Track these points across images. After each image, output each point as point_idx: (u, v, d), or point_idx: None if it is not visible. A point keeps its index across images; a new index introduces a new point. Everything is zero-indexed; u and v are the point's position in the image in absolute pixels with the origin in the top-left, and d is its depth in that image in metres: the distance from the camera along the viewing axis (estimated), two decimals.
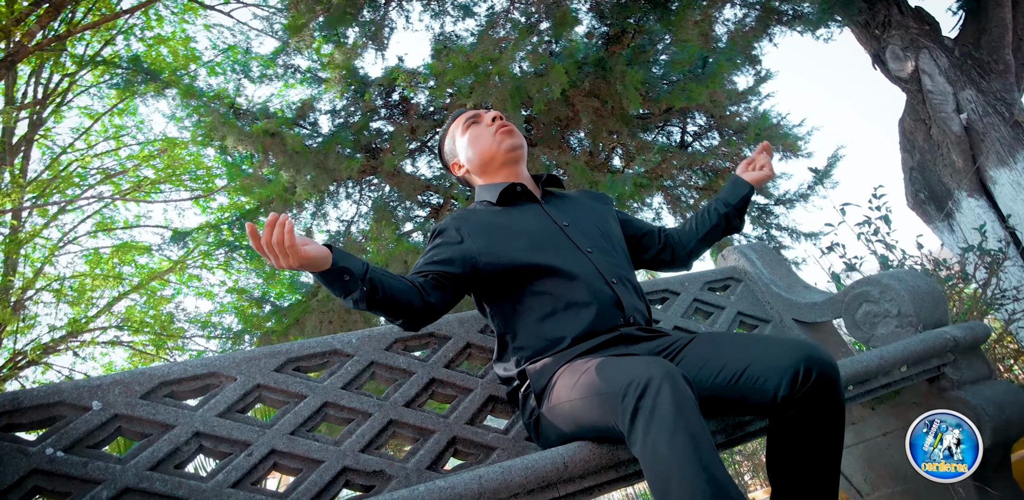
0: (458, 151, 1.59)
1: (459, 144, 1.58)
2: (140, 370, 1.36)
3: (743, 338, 1.22)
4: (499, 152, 1.50)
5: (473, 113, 1.58)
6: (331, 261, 1.12)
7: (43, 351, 8.86)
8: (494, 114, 1.54)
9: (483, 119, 1.56)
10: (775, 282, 1.99)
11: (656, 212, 6.26)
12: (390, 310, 1.22)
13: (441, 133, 1.66)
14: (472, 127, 1.55)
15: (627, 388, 0.99)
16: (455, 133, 1.60)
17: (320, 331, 5.40)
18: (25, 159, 9.09)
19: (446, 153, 1.64)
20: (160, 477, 1.25)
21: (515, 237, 1.39)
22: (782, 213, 5.91)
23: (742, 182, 1.59)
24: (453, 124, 1.62)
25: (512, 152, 1.50)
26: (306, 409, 1.44)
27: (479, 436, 1.54)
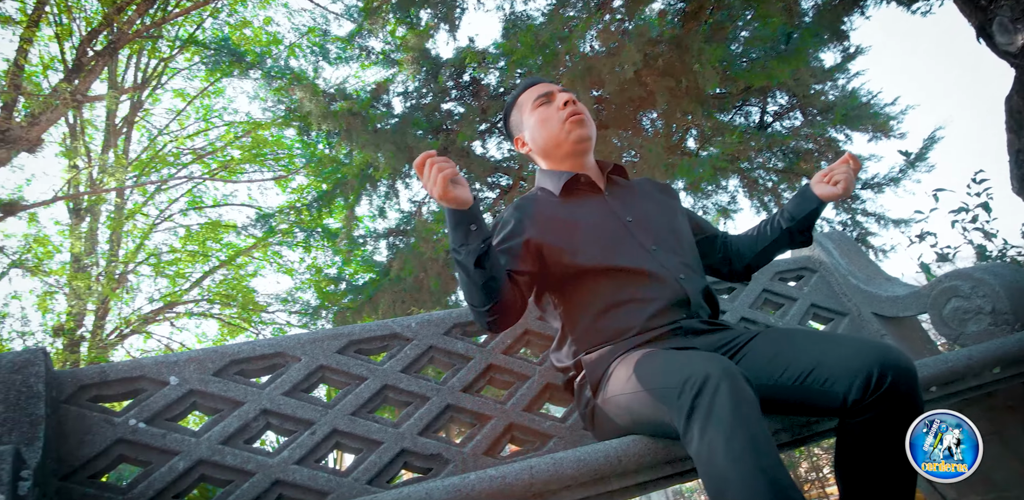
0: (524, 128, 1.50)
1: (526, 121, 1.49)
2: (213, 348, 1.43)
3: (812, 335, 1.15)
4: (566, 142, 1.43)
5: (545, 90, 1.47)
6: (471, 204, 1.14)
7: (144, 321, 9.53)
8: (567, 97, 1.44)
9: (555, 100, 1.45)
10: (853, 273, 1.87)
11: (732, 196, 6.04)
12: (490, 285, 1.20)
13: (509, 101, 1.55)
14: (542, 107, 1.45)
15: (683, 385, 0.95)
16: (523, 107, 1.50)
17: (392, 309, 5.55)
18: (127, 140, 9.70)
19: (511, 125, 1.56)
20: (231, 451, 1.32)
21: (576, 234, 1.34)
22: (869, 198, 5.57)
23: (811, 195, 1.40)
24: (523, 95, 1.51)
25: (580, 144, 1.43)
26: (366, 391, 1.48)
27: (536, 423, 1.55)
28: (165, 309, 9.82)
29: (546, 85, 1.49)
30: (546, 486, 1.09)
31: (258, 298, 9.90)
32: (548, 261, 1.34)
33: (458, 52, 4.56)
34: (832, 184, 1.37)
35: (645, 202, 1.47)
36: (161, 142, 10.24)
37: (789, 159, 5.66)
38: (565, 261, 1.32)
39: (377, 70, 6.34)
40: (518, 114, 1.52)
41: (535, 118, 1.46)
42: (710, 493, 0.91)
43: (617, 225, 1.37)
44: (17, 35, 6.19)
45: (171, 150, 10.21)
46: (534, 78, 1.54)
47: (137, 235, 9.96)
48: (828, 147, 5.54)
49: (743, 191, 5.86)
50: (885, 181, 5.44)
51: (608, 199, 1.44)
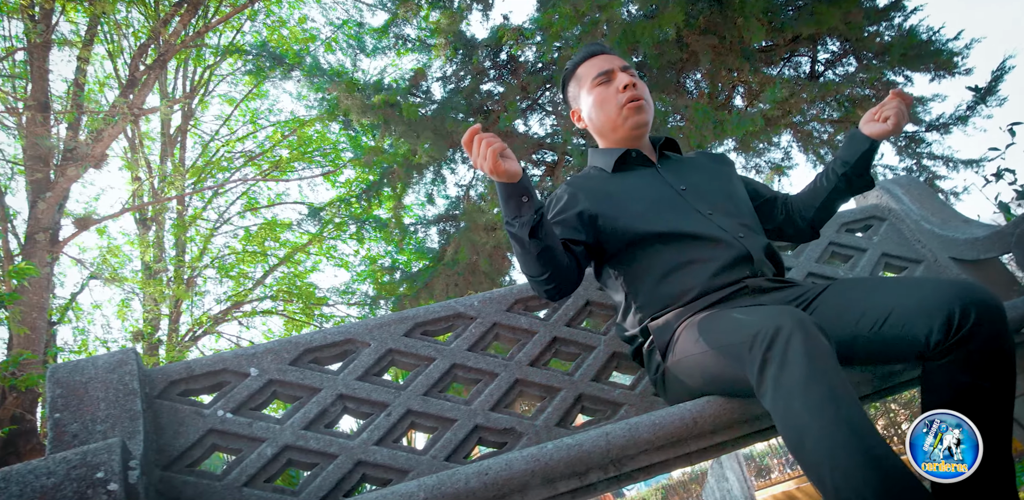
0: (581, 103, 1.49)
1: (584, 98, 1.47)
2: (287, 339, 1.48)
3: (885, 281, 1.11)
4: (622, 127, 1.42)
5: (606, 66, 1.43)
6: (520, 177, 1.14)
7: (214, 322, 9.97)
8: (627, 80, 1.39)
9: (615, 79, 1.41)
10: (926, 218, 1.78)
11: (785, 151, 5.83)
12: (546, 256, 1.20)
13: (568, 69, 1.52)
14: (601, 86, 1.43)
15: (754, 339, 0.94)
16: (583, 80, 1.47)
17: (447, 293, 5.63)
18: (182, 149, 10.07)
19: (569, 96, 1.54)
20: (314, 436, 1.37)
21: (631, 204, 1.34)
22: (935, 140, 5.28)
23: (860, 136, 1.34)
24: (583, 67, 1.47)
25: (636, 130, 1.42)
26: (436, 371, 1.51)
27: (605, 392, 1.55)
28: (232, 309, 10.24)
29: (607, 59, 1.45)
30: (623, 451, 1.10)
31: (318, 292, 10.21)
32: (604, 230, 1.34)
33: (493, 31, 4.52)
34: (882, 121, 1.29)
35: (698, 172, 1.45)
36: (213, 148, 10.59)
37: (845, 108, 5.41)
38: (621, 229, 1.31)
39: (414, 57, 6.37)
40: (576, 87, 1.50)
41: (593, 97, 1.44)
42: (789, 446, 0.89)
43: (671, 194, 1.37)
44: (74, 56, 6.48)
45: (223, 155, 10.54)
46: (595, 46, 1.49)
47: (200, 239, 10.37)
48: (886, 91, 5.26)
49: (797, 146, 5.66)
50: (951, 121, 5.15)
51: (661, 171, 1.43)
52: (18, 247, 6.21)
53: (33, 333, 5.29)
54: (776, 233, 1.54)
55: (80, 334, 9.70)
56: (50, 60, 5.78)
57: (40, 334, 5.58)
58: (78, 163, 5.85)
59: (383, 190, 6.09)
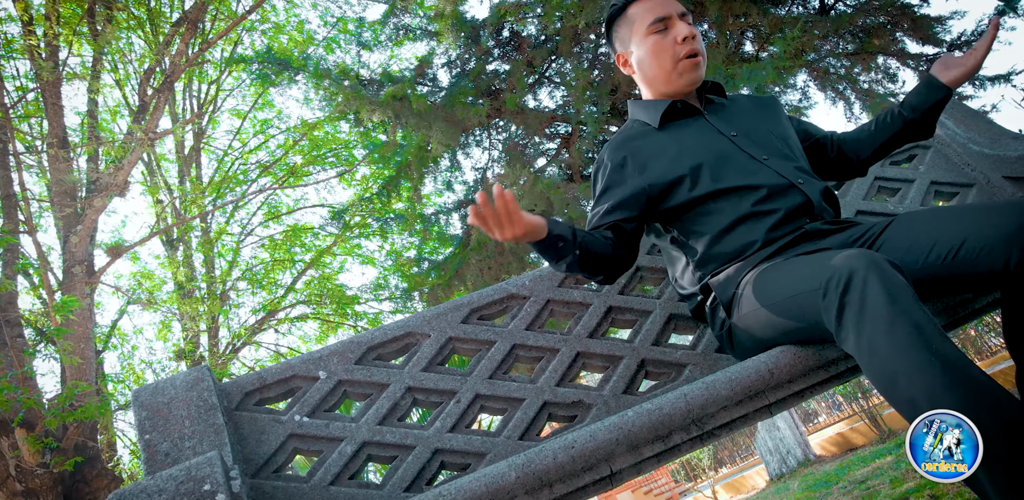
0: (632, 47, 1.37)
1: (636, 43, 1.35)
2: (349, 339, 1.50)
3: (951, 209, 1.07)
4: (677, 82, 1.34)
5: (664, 12, 1.31)
6: (547, 230, 1.13)
7: (252, 333, 10.18)
8: (687, 32, 1.29)
9: (673, 28, 1.30)
10: (973, 139, 1.72)
11: (802, 92, 5.68)
12: (595, 269, 1.24)
13: (617, 6, 1.39)
14: (658, 35, 1.31)
15: (827, 284, 0.92)
16: (635, 23, 1.34)
17: (481, 278, 5.65)
18: (198, 167, 10.19)
19: (616, 37, 1.41)
20: (389, 430, 1.40)
21: (683, 163, 1.29)
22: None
23: (937, 84, 1.30)
24: (636, 6, 1.34)
25: (691, 86, 1.35)
26: (498, 354, 1.51)
27: (667, 355, 1.54)
28: (267, 318, 10.43)
29: (663, 4, 1.32)
30: (704, 410, 1.09)
31: (348, 292, 10.33)
32: (658, 198, 1.31)
33: (493, 9, 4.46)
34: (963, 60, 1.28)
35: (746, 116, 1.40)
36: (228, 162, 10.69)
37: (859, 39, 5.24)
38: (676, 192, 1.29)
39: (417, 45, 6.32)
40: (627, 29, 1.37)
41: (648, 46, 1.33)
42: (880, 388, 0.88)
43: (724, 143, 1.32)
44: (84, 89, 6.57)
45: (239, 168, 10.64)
46: None
47: (228, 253, 10.54)
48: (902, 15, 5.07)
49: (814, 84, 5.50)
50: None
51: (709, 118, 1.37)
52: (56, 283, 6.38)
53: (84, 363, 5.45)
54: (826, 171, 1.51)
55: (127, 359, 9.99)
56: (62, 95, 5.87)
57: (90, 364, 5.76)
58: (103, 194, 5.96)
59: (401, 184, 6.11)
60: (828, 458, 7.21)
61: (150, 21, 7.65)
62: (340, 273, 11.05)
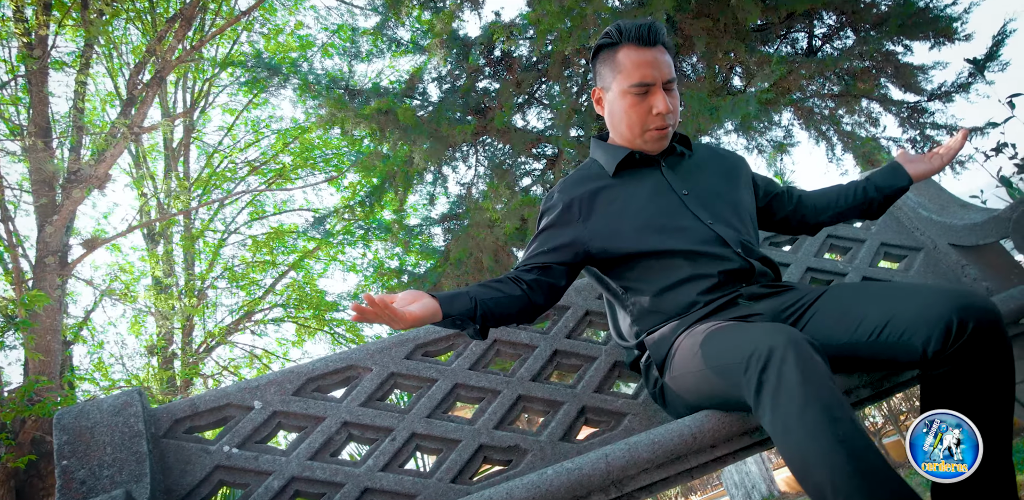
0: (610, 92, 1.34)
1: (613, 92, 1.32)
2: (289, 369, 1.49)
3: (882, 287, 1.09)
4: (640, 145, 1.35)
5: (649, 77, 1.26)
6: (441, 313, 1.14)
7: (227, 332, 10.08)
8: (664, 108, 1.27)
9: (653, 97, 1.28)
10: (923, 204, 1.75)
11: (786, 130, 5.76)
12: (504, 324, 1.28)
13: (609, 43, 1.33)
14: (637, 97, 1.29)
15: (749, 360, 0.93)
16: (620, 73, 1.30)
17: None
18: (186, 162, 10.12)
19: (598, 72, 1.38)
20: (320, 465, 1.38)
21: (630, 216, 1.30)
22: (938, 109, 5.19)
23: (903, 173, 1.43)
24: (626, 52, 1.29)
25: (652, 152, 1.37)
26: (439, 392, 1.51)
27: (608, 403, 1.54)
28: (244, 319, 10.33)
29: (655, 61, 1.27)
30: (624, 472, 1.09)
31: (327, 297, 10.27)
32: (599, 250, 1.31)
33: (485, 29, 4.49)
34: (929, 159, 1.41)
35: (705, 173, 1.39)
36: (217, 159, 10.64)
37: (845, 81, 5.33)
38: (616, 248, 1.29)
39: (410, 58, 6.35)
40: (610, 72, 1.32)
41: (624, 104, 1.31)
42: (791, 469, 0.89)
43: (674, 201, 1.32)
44: (72, 79, 6.53)
45: (227, 166, 10.59)
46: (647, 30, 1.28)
47: (209, 251, 10.45)
48: (886, 61, 5.16)
49: (798, 123, 5.58)
50: (953, 89, 5.05)
51: (665, 172, 1.37)
52: (30, 270, 6.30)
53: (48, 357, 5.37)
54: (780, 224, 1.54)
55: (98, 349, 9.85)
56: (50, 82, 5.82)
57: (55, 357, 5.67)
58: (82, 185, 5.90)
59: (386, 194, 6.11)
60: (792, 495, 7.22)
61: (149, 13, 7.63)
62: (321, 278, 10.99)
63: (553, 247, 1.31)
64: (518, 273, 1.29)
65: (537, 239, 1.35)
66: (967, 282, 1.67)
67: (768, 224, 1.54)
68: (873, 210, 1.47)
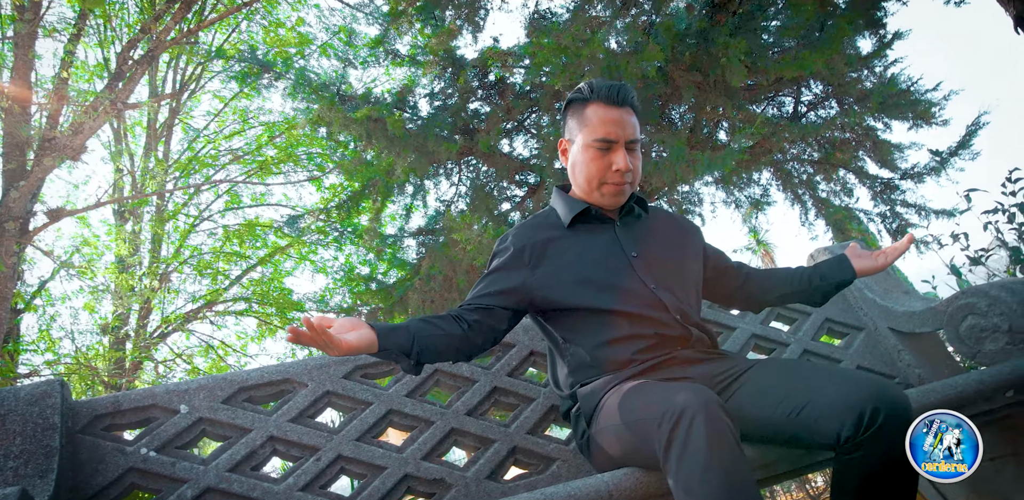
0: (575, 144, 1.38)
1: (577, 145, 1.37)
2: (222, 376, 1.47)
3: (808, 368, 1.14)
4: (597, 199, 1.38)
5: (613, 134, 1.31)
6: (377, 345, 1.13)
7: (185, 320, 9.85)
8: (623, 165, 1.31)
9: (615, 154, 1.33)
10: (870, 286, 1.81)
11: (764, 188, 5.90)
12: (439, 361, 1.28)
13: (580, 98, 1.38)
14: (599, 151, 1.33)
15: (662, 417, 0.97)
16: (586, 127, 1.35)
17: (422, 309, 5.60)
18: (167, 143, 9.98)
19: (567, 124, 1.42)
20: (238, 479, 1.36)
21: (577, 270, 1.32)
22: (909, 188, 5.37)
23: (849, 267, 1.47)
24: (595, 108, 1.34)
25: (609, 208, 1.40)
26: (371, 416, 1.50)
27: (540, 446, 1.55)
28: (206, 308, 10.12)
29: (621, 121, 1.32)
30: None
31: (293, 297, 10.12)
32: (543, 299, 1.33)
33: (482, 53, 4.55)
34: (874, 258, 1.45)
35: (657, 237, 1.42)
36: (200, 144, 10.51)
37: (825, 149, 5.50)
38: (561, 300, 1.31)
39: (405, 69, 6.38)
40: (577, 125, 1.38)
41: (587, 157, 1.35)
42: None
43: (622, 261, 1.34)
44: (61, 47, 6.42)
45: (209, 152, 10.46)
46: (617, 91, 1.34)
47: (178, 235, 10.27)
48: (865, 136, 5.35)
49: (776, 185, 5.72)
50: (926, 171, 5.24)
51: (618, 231, 1.39)
52: None
53: None
54: (724, 298, 1.59)
55: (50, 322, 9.54)
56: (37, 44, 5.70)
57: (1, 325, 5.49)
58: (56, 154, 5.78)
59: (365, 200, 6.09)
60: None
61: None
62: (289, 276, 10.84)
63: (499, 290, 1.32)
64: (461, 311, 1.30)
65: (485, 279, 1.36)
66: (901, 367, 1.72)
67: (713, 296, 1.58)
68: (816, 298, 1.51)
